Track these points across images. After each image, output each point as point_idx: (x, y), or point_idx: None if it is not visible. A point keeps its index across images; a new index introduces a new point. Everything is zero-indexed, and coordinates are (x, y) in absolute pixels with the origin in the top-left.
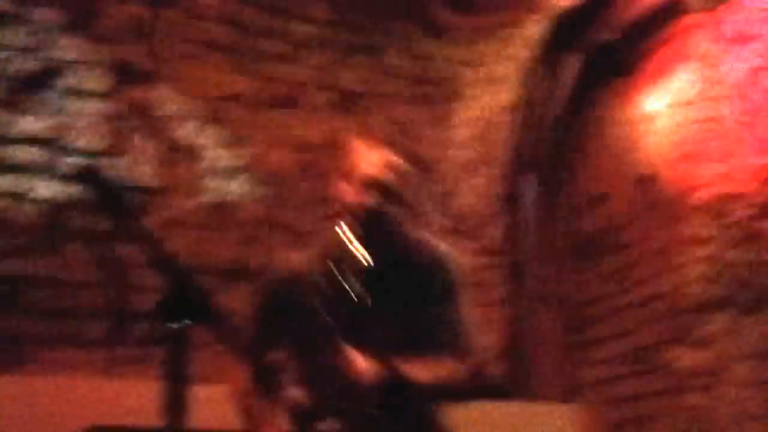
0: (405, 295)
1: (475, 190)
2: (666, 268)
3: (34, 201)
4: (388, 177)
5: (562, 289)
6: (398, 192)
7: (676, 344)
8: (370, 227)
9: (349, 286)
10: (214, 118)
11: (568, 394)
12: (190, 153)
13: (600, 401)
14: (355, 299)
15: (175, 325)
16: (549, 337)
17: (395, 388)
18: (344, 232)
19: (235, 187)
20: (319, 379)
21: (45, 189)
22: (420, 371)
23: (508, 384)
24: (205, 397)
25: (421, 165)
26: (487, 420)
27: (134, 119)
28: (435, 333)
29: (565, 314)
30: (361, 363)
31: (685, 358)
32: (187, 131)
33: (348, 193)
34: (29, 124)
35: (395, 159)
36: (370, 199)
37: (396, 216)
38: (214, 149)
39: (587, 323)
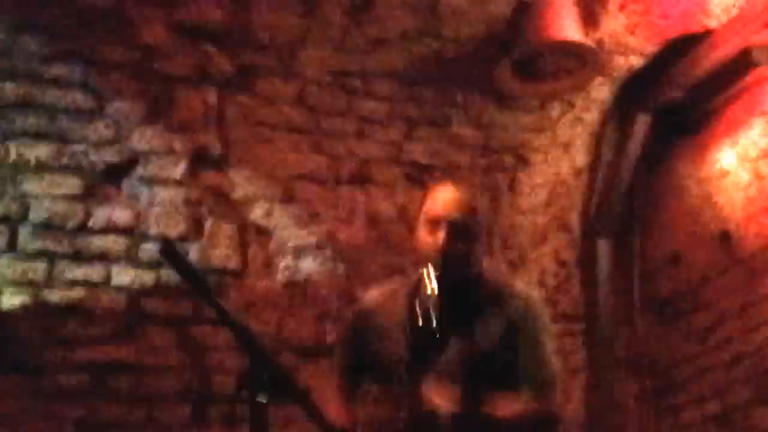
0: (489, 332)
1: (548, 256)
2: (748, 327)
3: (114, 288)
4: (466, 217)
5: (643, 353)
6: (475, 231)
7: (763, 405)
8: (451, 268)
9: (430, 321)
10: (286, 197)
11: None
12: (264, 233)
13: None
14: (436, 335)
15: (257, 400)
16: (631, 402)
17: (472, 422)
18: (427, 273)
19: (310, 265)
20: (397, 410)
21: (125, 276)
22: (500, 408)
23: None
24: None
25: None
26: None
27: (209, 204)
28: (519, 371)
29: (646, 379)
30: (439, 396)
31: None
32: (260, 212)
33: (427, 236)
34: (109, 213)
35: (472, 198)
36: (450, 241)
37: (477, 255)
38: (287, 228)
39: (671, 387)
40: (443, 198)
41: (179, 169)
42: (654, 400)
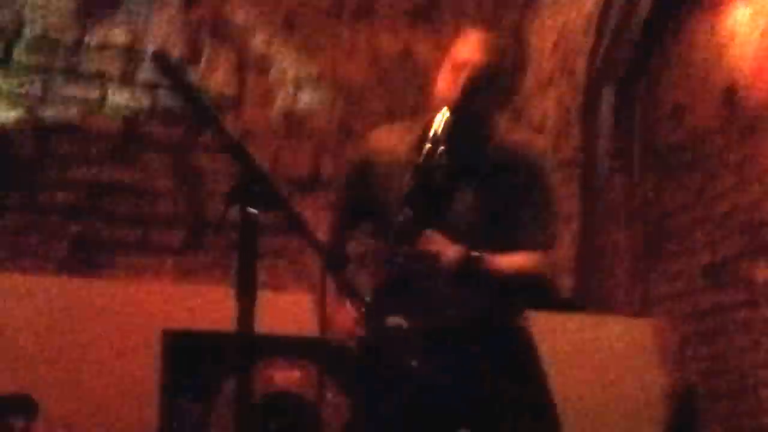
0: (494, 182)
1: (551, 101)
2: (745, 181)
3: (110, 109)
4: (492, 63)
5: (639, 201)
6: (498, 79)
7: (753, 258)
8: (464, 114)
9: (436, 168)
10: (287, 27)
11: (641, 308)
12: (263, 62)
13: (674, 315)
14: (441, 177)
15: (246, 211)
16: (623, 250)
17: (472, 267)
18: (442, 116)
19: (308, 97)
20: (399, 262)
21: (121, 97)
22: (502, 260)
23: (581, 297)
24: (277, 304)
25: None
26: (557, 332)
27: (208, 27)
28: (521, 219)
29: (640, 227)
30: (442, 245)
31: (763, 272)
32: (260, 40)
33: (449, 79)
34: (106, 31)
35: (502, 48)
36: (470, 85)
37: (492, 104)
38: (287, 58)
39: (663, 237)
40: (471, 41)
41: None
42: (646, 249)
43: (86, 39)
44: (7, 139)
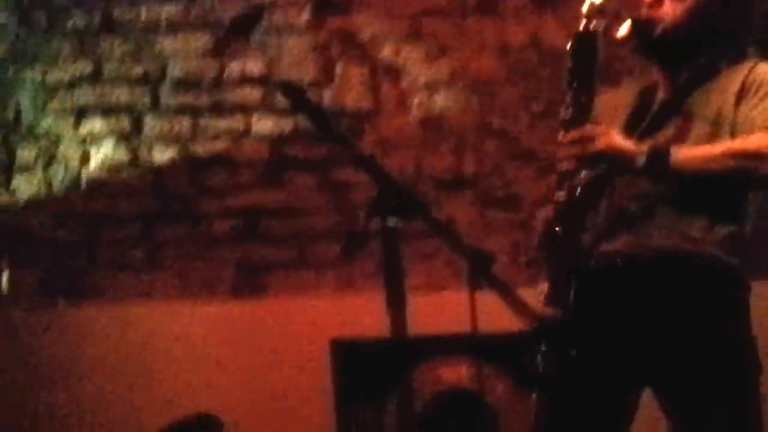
0: (708, 104)
1: None
2: None
3: (255, 137)
4: None
5: None
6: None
7: None
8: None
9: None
10: (413, 34)
11: None
12: (394, 72)
13: None
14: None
15: (387, 225)
16: None
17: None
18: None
19: (443, 100)
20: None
21: (264, 124)
22: (701, 147)
23: None
24: (427, 306)
25: None
26: None
27: (337, 47)
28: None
29: None
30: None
31: None
32: (388, 51)
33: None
34: (242, 65)
35: None
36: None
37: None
38: (417, 65)
39: None
40: None
41: (304, 16)
42: None
43: (225, 74)
44: (163, 177)
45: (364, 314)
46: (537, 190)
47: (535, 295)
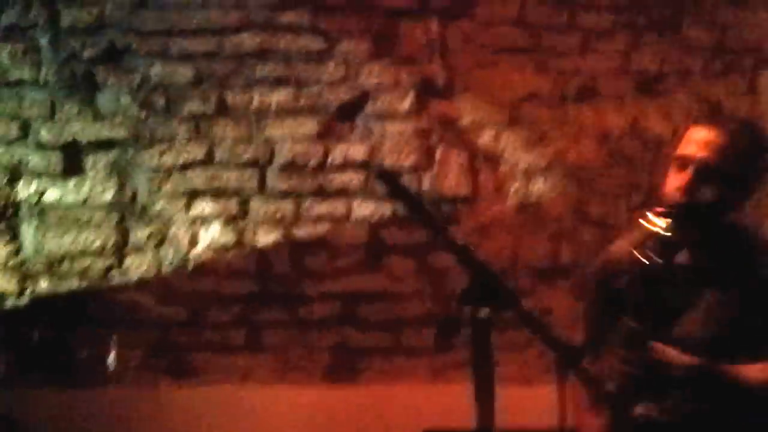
0: (738, 293)
1: None
2: None
3: (355, 221)
4: (718, 159)
5: None
6: (729, 175)
7: None
8: (692, 211)
9: (668, 279)
10: (513, 120)
11: None
12: (493, 158)
13: None
14: (670, 290)
15: (477, 317)
16: None
17: (709, 375)
18: (666, 224)
19: (540, 186)
20: (633, 367)
21: (364, 209)
22: (743, 368)
23: None
24: (518, 398)
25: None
26: None
27: (438, 133)
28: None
29: None
30: (673, 354)
31: None
32: (488, 137)
33: (674, 177)
34: (345, 150)
35: (730, 140)
36: (694, 182)
37: (728, 203)
38: (515, 151)
39: None
40: (695, 137)
41: (407, 101)
42: None
43: (329, 159)
44: (268, 260)
45: (454, 404)
46: None
47: None
